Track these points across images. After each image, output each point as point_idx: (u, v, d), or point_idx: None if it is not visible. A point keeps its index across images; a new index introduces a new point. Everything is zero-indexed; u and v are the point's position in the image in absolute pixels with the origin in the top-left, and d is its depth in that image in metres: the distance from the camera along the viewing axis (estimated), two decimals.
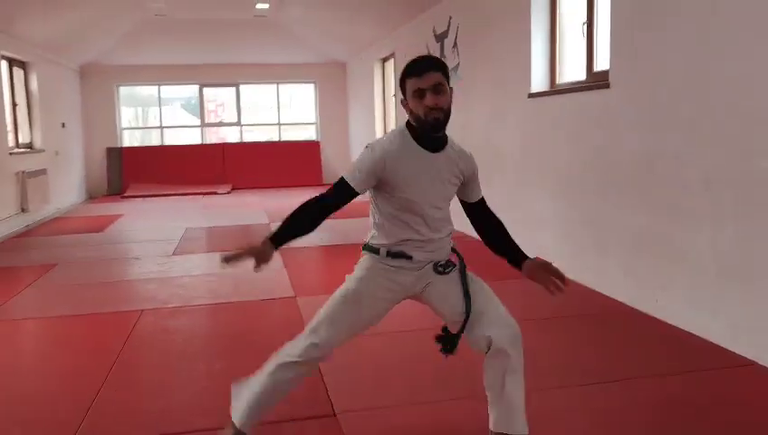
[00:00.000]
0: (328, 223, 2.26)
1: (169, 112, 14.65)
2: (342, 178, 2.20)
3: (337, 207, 2.20)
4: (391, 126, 10.70)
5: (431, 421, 2.67)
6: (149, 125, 14.53)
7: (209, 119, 14.43)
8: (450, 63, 7.30)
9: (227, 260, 2.12)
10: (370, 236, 2.30)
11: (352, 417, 2.69)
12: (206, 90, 14.02)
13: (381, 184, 2.19)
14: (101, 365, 3.34)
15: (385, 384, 3.05)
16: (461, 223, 2.53)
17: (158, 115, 14.17)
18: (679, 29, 3.63)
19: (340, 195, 2.18)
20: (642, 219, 4.03)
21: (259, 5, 10.77)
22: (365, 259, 2.29)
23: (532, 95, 5.42)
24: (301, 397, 2.75)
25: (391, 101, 10.62)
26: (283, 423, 2.65)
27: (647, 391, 2.89)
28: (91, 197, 12.78)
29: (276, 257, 2.20)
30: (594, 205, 4.58)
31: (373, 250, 2.25)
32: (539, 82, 5.42)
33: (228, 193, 12.58)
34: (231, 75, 13.64)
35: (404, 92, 2.19)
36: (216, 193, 12.46)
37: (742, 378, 3.03)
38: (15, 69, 9.45)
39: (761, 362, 3.12)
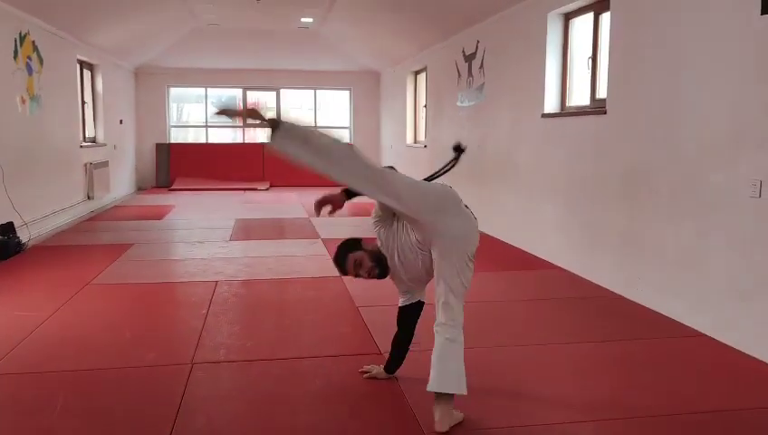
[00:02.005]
0: (360, 220, 3.18)
1: (200, 110, 15.85)
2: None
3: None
4: (421, 134, 11.65)
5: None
6: (184, 121, 15.68)
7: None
8: (476, 83, 8.25)
9: (319, 204, 2.94)
10: None
11: None
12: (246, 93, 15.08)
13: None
14: (197, 316, 4.36)
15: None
16: (493, 228, 3.42)
17: (191, 112, 15.35)
18: (658, 68, 4.54)
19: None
20: (626, 221, 4.94)
21: (304, 19, 11.80)
22: None
23: (545, 115, 6.34)
24: (351, 341, 3.74)
25: (422, 112, 11.55)
26: (339, 357, 3.62)
27: (614, 349, 3.81)
28: (141, 188, 13.91)
29: (320, 245, 3.14)
30: (590, 210, 5.49)
31: None
32: (551, 104, 6.34)
33: (267, 190, 13.62)
34: (272, 80, 14.69)
35: None
36: (255, 189, 13.51)
37: (690, 344, 3.93)
38: (85, 71, 10.57)
39: (707, 334, 4.02)
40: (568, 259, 5.87)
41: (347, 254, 3.05)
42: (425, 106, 11.23)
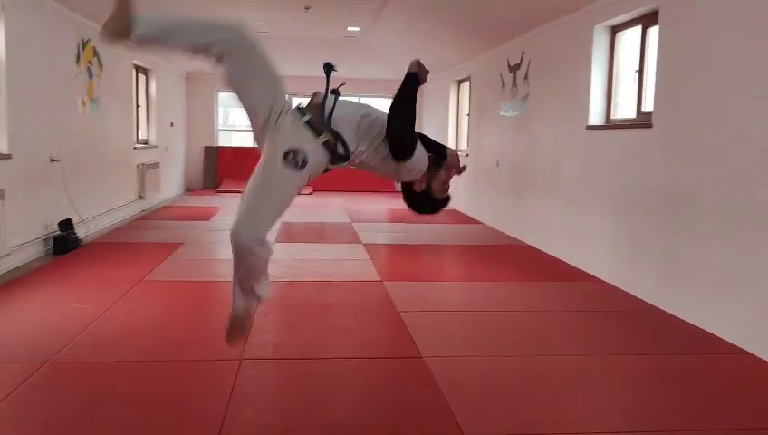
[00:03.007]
0: (402, 226, 3.31)
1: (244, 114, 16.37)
2: None
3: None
4: (463, 142, 11.73)
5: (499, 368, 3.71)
6: (230, 125, 16.14)
7: None
8: (521, 93, 8.30)
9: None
10: None
11: (435, 360, 3.75)
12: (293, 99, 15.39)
13: None
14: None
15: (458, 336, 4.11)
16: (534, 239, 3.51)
17: (235, 116, 15.82)
18: (704, 83, 4.55)
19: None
20: (669, 236, 4.95)
21: (350, 28, 12.01)
22: None
23: (589, 127, 6.38)
24: (391, 344, 3.87)
25: (465, 120, 11.64)
26: (380, 359, 3.74)
27: (655, 363, 3.85)
28: (188, 189, 14.30)
29: (362, 250, 3.26)
30: (633, 223, 5.50)
31: None
32: (596, 116, 6.37)
33: (310, 194, 13.86)
34: (317, 87, 14.90)
35: None
36: (299, 193, 13.71)
37: (732, 362, 3.94)
38: (140, 75, 10.96)
39: (751, 352, 4.02)
40: (610, 272, 5.88)
41: None
42: (468, 115, 11.31)
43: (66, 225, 6.86)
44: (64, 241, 6.67)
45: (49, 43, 6.81)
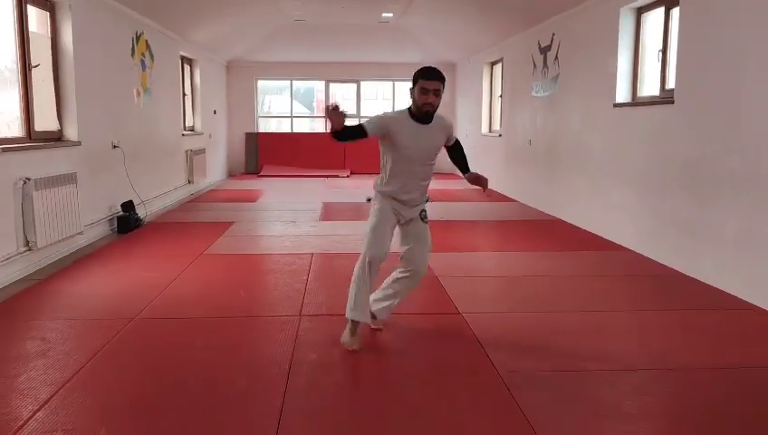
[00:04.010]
0: (438, 204, 3.72)
1: (281, 101, 16.87)
2: (362, 124, 3.45)
3: (353, 138, 3.45)
4: (496, 123, 12.07)
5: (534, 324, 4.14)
6: (269, 111, 16.72)
7: (319, 109, 16.74)
8: (551, 74, 8.62)
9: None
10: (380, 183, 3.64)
11: (471, 315, 4.19)
12: (316, 85, 15.92)
13: (389, 142, 3.49)
14: (300, 281, 5.04)
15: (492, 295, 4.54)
16: (565, 213, 3.90)
17: (272, 103, 16.34)
18: (724, 60, 4.86)
19: (358, 131, 3.41)
20: (690, 205, 5.29)
21: (384, 14, 12.39)
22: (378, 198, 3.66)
23: (616, 105, 6.70)
24: (431, 302, 4.34)
25: (498, 101, 11.96)
26: (422, 315, 4.21)
27: (672, 317, 4.24)
28: (231, 174, 14.91)
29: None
30: (656, 195, 5.84)
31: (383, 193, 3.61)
32: (623, 94, 6.69)
33: (348, 177, 14.35)
34: (353, 73, 15.39)
35: (414, 85, 3.46)
36: (337, 176, 14.26)
37: (742, 315, 4.30)
38: (186, 65, 11.53)
39: (762, 306, 4.37)
40: (635, 241, 6.23)
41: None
42: (500, 96, 11.63)
43: (128, 206, 7.45)
44: (127, 221, 7.26)
45: (108, 37, 7.37)
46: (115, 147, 7.44)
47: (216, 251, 6.22)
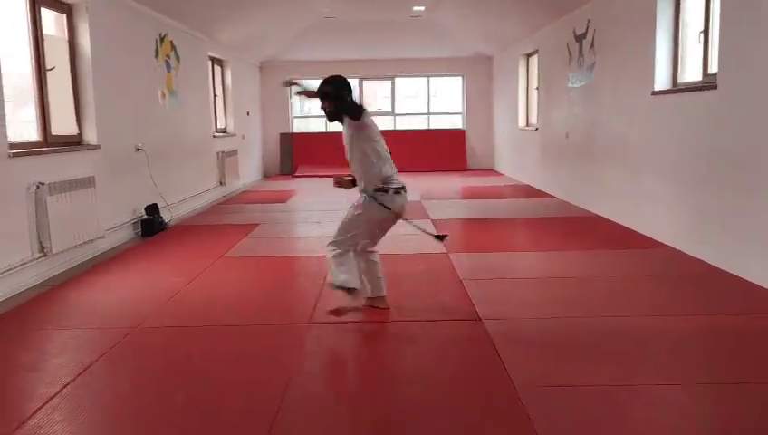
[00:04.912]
0: (474, 202, 3.44)
1: (314, 102, 16.70)
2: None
3: None
4: (533, 116, 11.66)
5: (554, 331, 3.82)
6: (304, 112, 16.61)
7: None
8: (587, 63, 8.21)
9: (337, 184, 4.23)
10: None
11: (492, 322, 3.89)
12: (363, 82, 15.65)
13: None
14: (316, 285, 4.81)
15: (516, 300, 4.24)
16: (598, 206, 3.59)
17: (304, 103, 16.28)
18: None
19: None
20: (735, 199, 4.86)
21: (416, 8, 12.11)
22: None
23: (655, 93, 6.28)
24: (450, 306, 4.04)
25: (534, 94, 11.55)
26: (440, 322, 3.93)
27: (720, 322, 3.86)
28: (266, 175, 14.84)
29: (429, 225, 3.43)
30: (699, 187, 5.41)
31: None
32: (662, 81, 6.26)
33: None
34: (387, 69, 15.14)
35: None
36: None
37: None
38: (216, 66, 11.46)
39: None
40: (675, 238, 5.81)
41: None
42: (537, 88, 11.22)
43: (152, 209, 7.36)
44: (151, 224, 7.17)
45: (129, 39, 7.29)
46: (139, 149, 7.36)
47: (236, 254, 6.06)
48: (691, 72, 6.01)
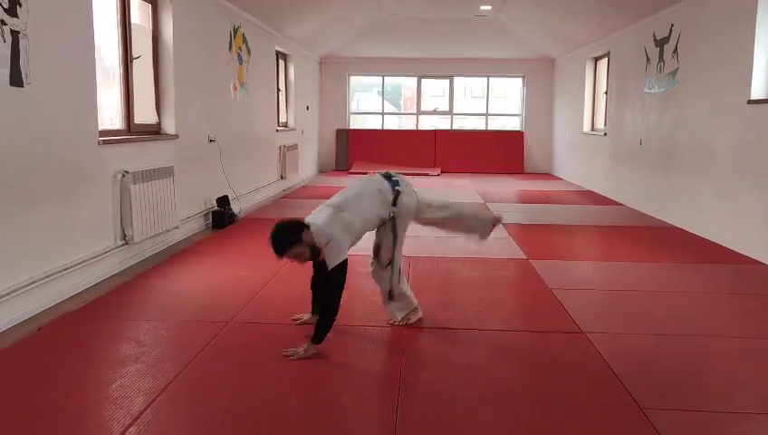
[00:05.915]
0: (536, 206, 3.28)
1: (369, 99, 16.72)
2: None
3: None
4: (600, 122, 11.37)
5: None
6: (359, 108, 16.64)
7: (406, 107, 16.42)
8: (668, 69, 7.93)
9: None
10: None
11: (596, 335, 3.73)
12: (404, 82, 15.55)
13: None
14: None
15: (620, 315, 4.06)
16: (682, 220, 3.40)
17: (360, 99, 16.27)
18: None
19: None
20: None
21: (483, 7, 11.91)
22: None
23: (751, 102, 6.00)
24: (547, 317, 3.90)
25: (602, 99, 11.26)
26: (533, 333, 3.78)
27: None
28: (322, 171, 14.83)
29: (501, 228, 3.30)
30: None
31: None
32: (760, 88, 5.98)
33: (438, 175, 13.96)
34: (446, 68, 14.98)
35: None
36: (427, 175, 13.90)
37: None
38: (280, 61, 11.46)
39: None
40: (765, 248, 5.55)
41: (290, 245, 3.48)
42: (605, 93, 10.93)
43: (223, 201, 7.36)
44: (222, 216, 7.16)
45: (207, 30, 7.30)
46: (211, 141, 7.37)
47: None
48: None
